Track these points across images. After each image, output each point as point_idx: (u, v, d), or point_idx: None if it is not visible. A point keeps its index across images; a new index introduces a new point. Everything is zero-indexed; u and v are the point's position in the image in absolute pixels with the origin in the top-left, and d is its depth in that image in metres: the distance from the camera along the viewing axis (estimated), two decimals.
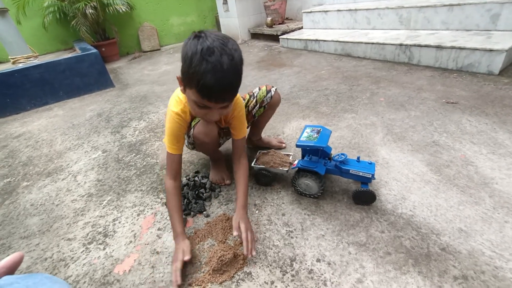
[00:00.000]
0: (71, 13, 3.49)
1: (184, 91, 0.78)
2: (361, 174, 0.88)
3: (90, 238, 0.92)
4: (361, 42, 2.38)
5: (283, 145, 1.27)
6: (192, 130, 0.93)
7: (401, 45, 2.10)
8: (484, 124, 1.25)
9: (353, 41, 2.45)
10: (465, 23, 2.07)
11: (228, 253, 0.75)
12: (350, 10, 2.80)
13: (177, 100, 0.90)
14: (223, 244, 0.81)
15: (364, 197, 0.90)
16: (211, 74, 0.67)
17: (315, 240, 0.81)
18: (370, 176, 0.87)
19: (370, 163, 0.90)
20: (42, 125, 1.96)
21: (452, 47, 1.82)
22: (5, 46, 2.57)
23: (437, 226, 0.81)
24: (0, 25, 2.46)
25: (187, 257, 0.75)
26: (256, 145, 1.28)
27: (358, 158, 0.93)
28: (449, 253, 0.73)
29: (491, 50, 1.67)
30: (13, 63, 2.59)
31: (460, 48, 1.79)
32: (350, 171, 0.90)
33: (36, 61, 2.51)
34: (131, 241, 0.88)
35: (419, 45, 1.99)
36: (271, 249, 0.80)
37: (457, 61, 1.84)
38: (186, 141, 1.08)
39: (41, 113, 2.21)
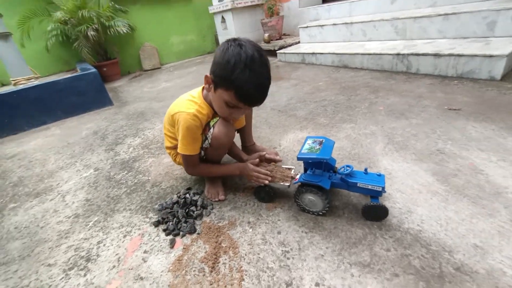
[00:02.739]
0: (73, 35, 3.59)
1: (211, 89, 0.87)
2: (370, 187, 0.81)
3: (71, 263, 0.85)
4: (358, 53, 2.37)
5: (278, 157, 1.22)
6: (211, 129, 0.94)
7: (398, 54, 2.08)
8: (490, 130, 1.19)
9: (350, 52, 2.44)
10: (462, 30, 2.05)
11: None
12: (346, 23, 2.83)
13: (189, 102, 0.93)
14: None
15: (375, 212, 0.82)
16: (253, 83, 0.79)
17: (313, 261, 0.73)
18: (381, 189, 0.80)
19: (379, 175, 0.83)
20: (37, 144, 1.94)
21: (451, 55, 1.79)
22: (7, 69, 2.62)
23: (448, 242, 0.73)
24: (3, 48, 2.52)
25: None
26: (251, 151, 1.23)
27: (366, 169, 0.86)
28: (465, 274, 0.65)
29: (491, 56, 1.63)
30: (14, 84, 2.62)
31: (459, 55, 1.76)
32: (358, 184, 0.82)
33: (35, 82, 2.54)
34: (114, 266, 0.81)
35: (417, 54, 1.97)
36: (265, 272, 0.73)
37: (457, 68, 1.80)
38: None
39: (38, 133, 2.20)
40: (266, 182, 0.93)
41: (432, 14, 2.15)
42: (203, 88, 0.98)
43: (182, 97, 0.99)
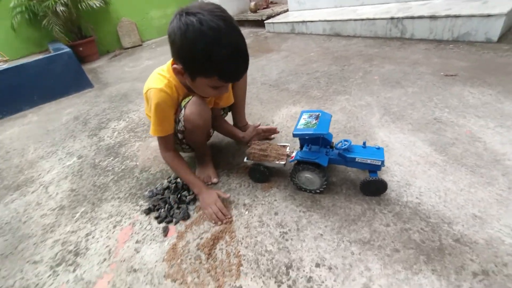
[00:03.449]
0: (41, 12, 3.26)
1: (186, 79, 0.78)
2: (369, 161, 0.77)
3: (59, 258, 0.81)
4: (350, 20, 2.24)
5: (272, 136, 1.16)
6: (182, 111, 0.85)
7: (392, 18, 1.97)
8: (488, 95, 1.15)
9: (342, 19, 2.31)
10: None
11: None
12: None
13: (158, 77, 0.84)
14: None
15: (374, 187, 0.79)
16: (233, 60, 0.69)
17: (312, 241, 0.71)
18: (380, 163, 0.77)
19: (378, 148, 0.79)
20: (14, 133, 1.81)
21: (447, 16, 1.70)
22: None
23: (447, 214, 0.72)
24: None
25: (227, 195, 0.86)
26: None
27: (364, 143, 0.82)
28: (464, 245, 0.64)
29: (489, 16, 1.55)
30: None
31: (456, 16, 1.67)
32: (356, 160, 0.79)
33: (4, 66, 2.33)
34: (105, 259, 0.78)
35: (412, 17, 1.87)
36: (264, 255, 0.70)
37: (453, 31, 1.72)
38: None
39: (14, 121, 2.06)
40: (219, 223, 0.81)
41: None
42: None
43: (153, 73, 0.90)
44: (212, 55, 0.66)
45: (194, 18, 0.65)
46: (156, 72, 0.88)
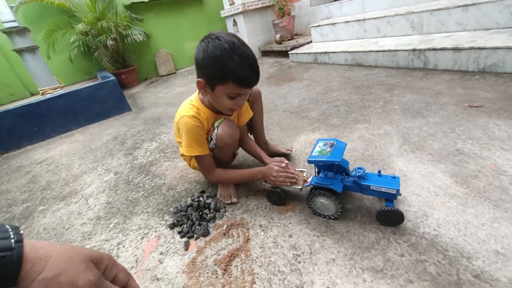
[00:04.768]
0: (94, 45, 3.78)
1: (207, 92, 0.89)
2: (383, 190, 0.79)
3: None
4: (372, 51, 2.32)
5: (289, 151, 1.27)
6: (215, 130, 0.96)
7: (414, 50, 2.01)
8: None
9: (364, 50, 2.39)
10: (483, 22, 1.95)
11: None
12: (358, 20, 2.77)
13: (188, 106, 0.98)
14: None
15: (390, 217, 0.80)
16: (246, 65, 0.81)
17: (325, 265, 0.73)
18: (395, 192, 0.78)
19: (394, 177, 0.81)
20: (63, 150, 2.06)
21: (471, 48, 1.71)
22: (35, 80, 2.81)
23: (467, 248, 0.70)
24: (31, 61, 2.70)
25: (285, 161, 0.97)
26: (264, 151, 1.25)
27: (379, 171, 0.84)
28: (485, 282, 0.62)
29: None
30: (42, 94, 2.80)
31: (480, 49, 1.67)
32: (371, 187, 0.81)
33: (61, 91, 2.70)
34: (132, 267, 0.85)
35: (434, 49, 1.89)
36: (276, 275, 0.73)
37: (478, 62, 1.71)
38: None
39: (64, 139, 2.34)
40: (293, 180, 0.94)
41: (450, 5, 2.06)
42: (199, 91, 1.01)
43: (183, 104, 1.03)
44: (227, 60, 0.79)
45: (214, 37, 0.81)
46: (186, 103, 1.01)
